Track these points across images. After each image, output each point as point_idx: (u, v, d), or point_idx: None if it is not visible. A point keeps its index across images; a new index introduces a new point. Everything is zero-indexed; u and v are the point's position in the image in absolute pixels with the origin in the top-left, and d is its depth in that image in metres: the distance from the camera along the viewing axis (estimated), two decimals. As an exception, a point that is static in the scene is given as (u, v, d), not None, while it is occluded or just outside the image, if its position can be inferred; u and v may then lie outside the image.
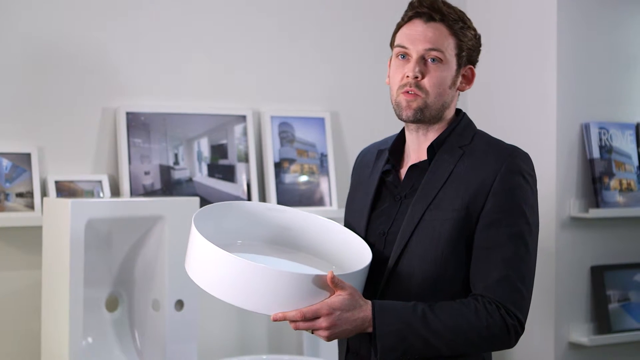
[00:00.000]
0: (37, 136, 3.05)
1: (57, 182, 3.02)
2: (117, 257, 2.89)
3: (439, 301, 1.87)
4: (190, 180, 3.25)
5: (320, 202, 3.46)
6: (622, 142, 3.60)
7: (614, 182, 3.55)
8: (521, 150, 1.94)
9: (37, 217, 2.94)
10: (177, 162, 3.23)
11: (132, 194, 3.11)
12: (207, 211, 2.00)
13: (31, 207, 2.97)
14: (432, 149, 1.96)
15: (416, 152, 2.00)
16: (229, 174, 3.32)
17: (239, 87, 3.40)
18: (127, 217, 2.81)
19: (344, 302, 1.80)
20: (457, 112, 2.02)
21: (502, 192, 1.88)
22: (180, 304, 2.86)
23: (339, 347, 2.05)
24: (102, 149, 3.15)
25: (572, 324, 3.50)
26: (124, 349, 2.90)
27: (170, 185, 3.21)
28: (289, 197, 3.38)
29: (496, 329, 1.85)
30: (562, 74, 3.48)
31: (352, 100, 3.61)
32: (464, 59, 1.96)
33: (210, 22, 3.35)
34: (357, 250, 1.97)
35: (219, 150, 3.31)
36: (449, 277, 1.89)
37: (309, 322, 1.79)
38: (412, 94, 1.93)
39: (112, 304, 2.93)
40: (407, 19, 1.97)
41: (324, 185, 3.48)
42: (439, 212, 1.90)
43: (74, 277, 2.67)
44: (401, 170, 2.02)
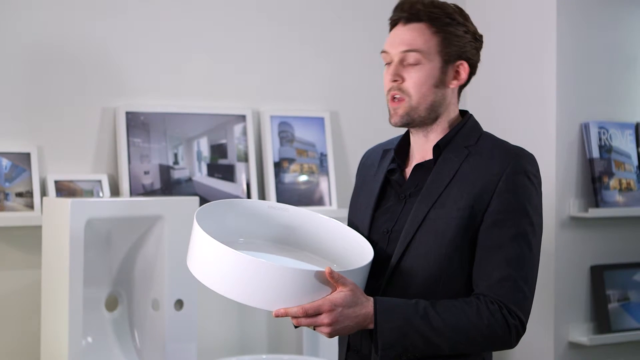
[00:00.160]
0: (37, 136, 3.05)
1: (56, 182, 3.02)
2: (117, 256, 2.89)
3: (440, 299, 1.87)
4: (189, 179, 3.25)
5: (320, 202, 3.46)
6: (621, 141, 3.60)
7: (613, 182, 3.55)
8: (527, 151, 1.94)
9: (36, 216, 2.94)
10: (176, 162, 3.23)
11: (132, 194, 3.11)
12: (209, 208, 1.99)
13: (31, 206, 2.97)
14: (437, 149, 1.96)
15: (421, 152, 2.00)
16: (228, 173, 3.32)
17: (239, 87, 3.40)
18: (126, 217, 2.81)
19: (345, 298, 1.80)
20: (464, 113, 2.02)
21: (507, 192, 1.88)
22: (179, 304, 2.86)
23: (340, 345, 2.05)
24: (102, 149, 3.15)
25: (572, 324, 3.49)
26: (123, 349, 2.90)
27: (169, 184, 3.21)
28: (289, 197, 3.38)
29: (497, 329, 1.85)
30: (562, 74, 3.48)
31: (351, 99, 3.61)
32: (452, 55, 1.94)
33: (209, 21, 3.35)
34: (359, 248, 1.97)
35: (218, 149, 3.31)
36: (452, 276, 1.89)
37: (310, 318, 1.79)
38: (396, 100, 1.94)
39: (111, 304, 2.93)
40: (391, 25, 1.99)
41: (323, 184, 3.48)
42: (444, 211, 1.90)
43: (73, 276, 2.67)
44: (406, 169, 2.02)
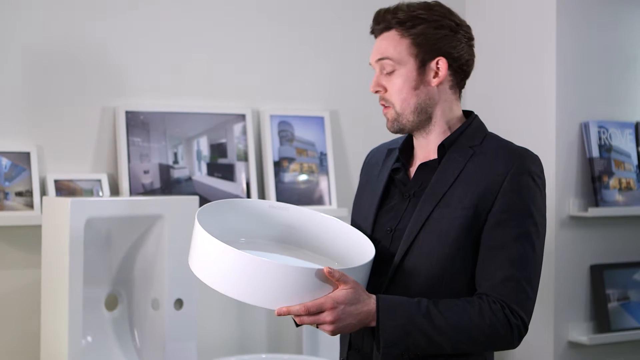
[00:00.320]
0: (37, 135, 3.05)
1: (56, 181, 3.02)
2: (117, 256, 2.89)
3: (443, 298, 1.87)
4: (189, 179, 3.25)
5: (319, 201, 3.46)
6: (621, 141, 3.60)
7: (613, 181, 3.55)
8: (531, 152, 1.95)
9: (36, 216, 2.94)
10: (176, 161, 3.23)
11: (132, 193, 3.11)
12: (210, 208, 1.99)
13: (30, 206, 2.97)
14: (442, 148, 1.97)
15: (424, 152, 2.01)
16: (228, 173, 3.32)
17: (239, 86, 3.40)
18: (126, 216, 2.81)
19: (348, 296, 1.80)
20: (469, 114, 2.02)
21: (511, 192, 1.88)
22: (179, 303, 2.86)
23: (341, 344, 2.05)
24: (102, 148, 3.15)
25: (572, 323, 3.50)
26: (123, 348, 2.90)
27: (169, 184, 3.21)
28: (289, 196, 3.38)
29: (500, 328, 1.85)
30: (562, 73, 3.48)
31: (351, 99, 3.61)
32: (427, 54, 1.94)
33: (209, 21, 3.35)
34: (361, 246, 1.98)
35: (218, 149, 3.31)
36: (455, 275, 1.90)
37: (313, 316, 1.79)
38: (385, 107, 1.98)
39: (111, 303, 2.93)
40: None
41: (323, 184, 3.48)
42: (448, 210, 1.90)
43: (73, 276, 2.67)
44: (410, 168, 2.03)
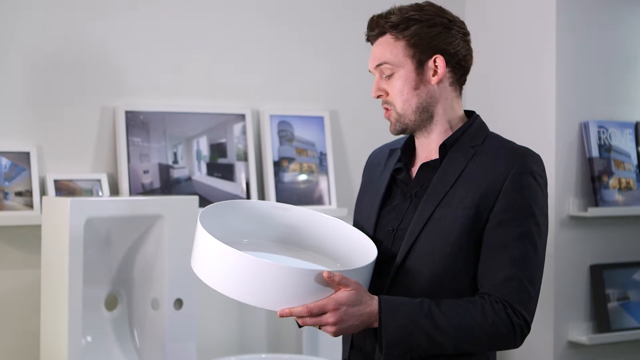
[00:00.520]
0: (36, 135, 3.05)
1: (56, 181, 3.02)
2: (116, 255, 2.88)
3: (445, 298, 1.87)
4: (189, 179, 3.25)
5: (319, 201, 3.46)
6: (621, 140, 3.60)
7: (613, 181, 3.55)
8: (533, 151, 1.95)
9: (36, 215, 2.94)
10: (176, 161, 3.23)
11: (131, 193, 3.11)
12: (213, 210, 1.99)
13: (30, 206, 2.97)
14: (444, 148, 1.97)
15: (425, 152, 2.01)
16: (228, 172, 3.32)
17: (238, 86, 3.40)
18: (126, 216, 2.81)
19: (350, 297, 1.80)
20: (471, 114, 2.02)
21: (513, 191, 1.88)
22: (179, 303, 2.86)
23: (343, 343, 2.06)
24: (101, 148, 3.15)
25: (572, 323, 3.50)
26: (123, 348, 2.90)
27: (169, 184, 3.21)
28: (288, 196, 3.38)
29: (502, 328, 1.85)
30: (561, 73, 3.48)
31: (351, 99, 3.61)
32: (424, 54, 1.94)
33: (209, 21, 3.34)
34: (363, 247, 1.98)
35: (218, 149, 3.31)
36: (457, 275, 1.90)
37: (315, 317, 1.79)
38: (387, 110, 1.99)
39: (111, 303, 2.93)
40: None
41: (323, 184, 3.48)
42: (449, 210, 1.90)
43: (73, 276, 2.67)
44: (412, 168, 2.03)
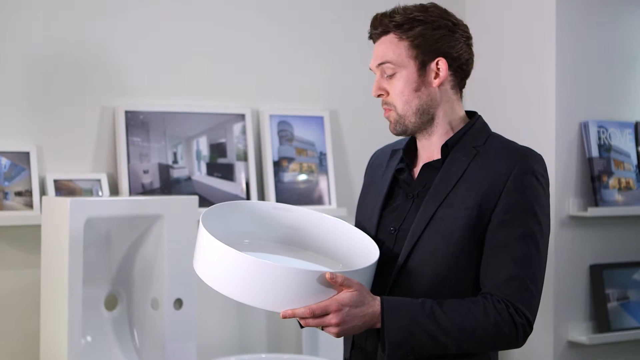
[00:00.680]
0: (36, 135, 3.04)
1: (56, 181, 3.02)
2: (116, 255, 2.88)
3: (447, 298, 1.87)
4: (189, 179, 3.25)
5: (319, 201, 3.46)
6: (621, 140, 3.60)
7: (613, 181, 3.55)
8: (535, 151, 1.96)
9: (36, 215, 2.94)
10: (176, 161, 3.23)
11: (131, 193, 3.11)
12: (214, 211, 2.00)
13: (30, 205, 2.97)
14: (446, 148, 1.97)
15: (427, 152, 2.01)
16: (227, 172, 3.32)
17: (238, 86, 3.40)
18: (126, 216, 2.81)
19: (352, 298, 1.80)
20: (472, 114, 2.03)
21: (515, 191, 1.89)
22: (179, 303, 2.86)
23: (345, 343, 2.06)
24: (101, 148, 3.15)
25: (571, 323, 3.50)
26: (123, 348, 2.90)
27: (169, 184, 3.21)
28: (288, 196, 3.38)
29: (504, 328, 1.85)
30: (561, 73, 3.48)
31: (351, 99, 3.61)
32: (427, 56, 1.95)
33: (209, 21, 3.34)
34: (364, 247, 1.98)
35: (217, 149, 3.31)
36: (459, 275, 1.90)
37: (318, 318, 1.80)
38: (387, 110, 1.98)
39: (111, 303, 2.93)
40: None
41: (322, 184, 3.48)
42: (451, 210, 1.91)
43: (72, 275, 2.67)
44: (414, 169, 2.03)
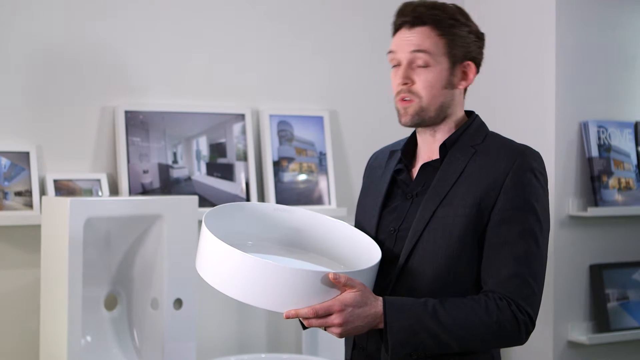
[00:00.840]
0: (36, 135, 3.04)
1: (55, 181, 3.02)
2: (116, 255, 2.88)
3: (449, 297, 1.88)
4: (188, 179, 3.25)
5: (319, 201, 3.46)
6: (620, 140, 3.60)
7: (612, 181, 3.55)
8: (533, 149, 1.96)
9: (35, 215, 2.94)
10: (175, 161, 3.23)
11: (131, 193, 3.11)
12: (217, 212, 2.00)
13: (30, 205, 2.97)
14: (444, 148, 1.98)
15: (427, 152, 2.02)
16: (227, 172, 3.32)
17: (238, 86, 3.40)
18: (125, 216, 2.81)
19: (355, 298, 1.81)
20: (470, 114, 2.03)
21: (514, 189, 1.89)
22: (179, 303, 2.86)
23: (345, 343, 2.06)
24: (101, 148, 3.15)
25: (571, 323, 3.49)
26: (122, 348, 2.90)
27: (168, 184, 3.21)
28: (288, 196, 3.38)
29: (507, 325, 1.86)
30: (561, 73, 3.47)
31: (350, 99, 3.61)
32: (458, 57, 1.96)
33: (209, 21, 3.34)
34: (367, 249, 1.98)
35: (217, 149, 3.31)
36: (460, 274, 1.91)
37: (321, 318, 1.80)
38: (407, 101, 1.96)
39: (110, 303, 2.93)
40: (396, 28, 2.00)
41: (322, 184, 3.48)
42: (451, 209, 1.91)
43: (72, 275, 2.67)
44: (413, 169, 2.04)
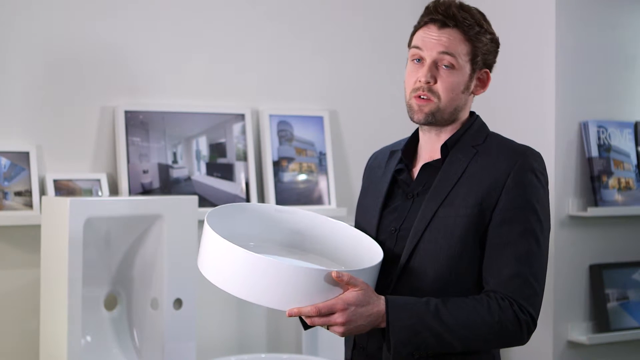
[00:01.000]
0: (36, 135, 3.04)
1: (55, 181, 3.02)
2: (116, 255, 2.88)
3: (451, 297, 1.88)
4: (188, 179, 3.25)
5: (318, 201, 3.46)
6: (620, 140, 3.60)
7: (612, 181, 3.55)
8: (534, 150, 1.97)
9: (35, 215, 2.94)
10: (175, 161, 3.23)
11: (131, 193, 3.11)
12: (219, 211, 2.00)
13: (30, 205, 2.97)
14: (445, 148, 1.98)
15: (429, 151, 2.02)
16: (227, 172, 3.32)
17: (238, 86, 3.40)
18: (125, 216, 2.81)
19: (358, 298, 1.81)
20: (471, 114, 2.04)
21: (515, 189, 1.90)
22: (178, 303, 2.86)
23: (346, 343, 2.06)
24: (101, 148, 3.15)
25: (571, 323, 3.49)
26: (122, 348, 2.90)
27: (168, 184, 3.21)
28: (288, 196, 3.38)
29: (509, 325, 1.86)
30: (561, 73, 3.47)
31: (350, 98, 3.61)
32: (478, 64, 1.98)
33: (209, 21, 3.34)
34: (368, 249, 1.98)
35: (217, 148, 3.31)
36: (462, 274, 1.91)
37: (324, 317, 1.80)
38: (424, 99, 1.95)
39: (110, 303, 2.93)
40: (422, 24, 1.99)
41: (322, 184, 3.48)
42: (453, 209, 1.91)
43: (72, 275, 2.67)
44: (413, 169, 2.04)
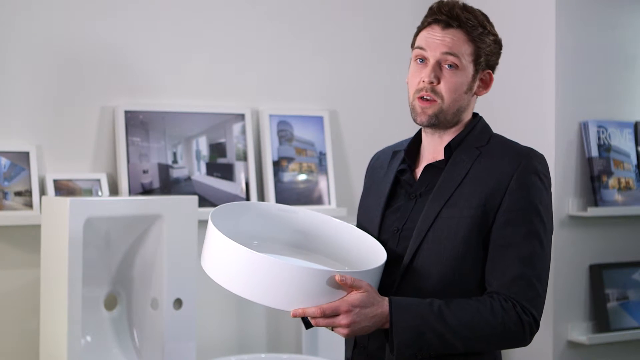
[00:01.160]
0: (36, 135, 3.04)
1: (55, 181, 3.02)
2: (116, 255, 2.88)
3: (454, 298, 1.88)
4: (188, 179, 3.25)
5: (318, 201, 3.46)
6: (620, 140, 3.60)
7: (612, 181, 3.55)
8: (537, 152, 1.98)
9: (35, 215, 2.94)
10: (175, 161, 3.23)
11: (131, 193, 3.11)
12: (223, 210, 2.00)
13: (29, 205, 2.97)
14: (449, 149, 1.99)
15: (432, 152, 2.03)
16: (227, 172, 3.32)
17: (238, 86, 3.40)
18: (125, 216, 2.81)
19: (362, 299, 1.81)
20: (474, 115, 2.04)
21: (518, 191, 1.91)
22: (178, 303, 2.86)
23: (346, 343, 2.07)
24: (101, 148, 3.15)
25: (571, 323, 3.49)
26: (122, 348, 2.90)
27: (168, 184, 3.21)
28: (288, 196, 3.38)
29: (512, 326, 1.87)
30: (561, 73, 3.47)
31: (350, 98, 3.61)
32: (482, 65, 1.98)
33: (209, 21, 3.34)
34: (371, 249, 1.98)
35: (217, 148, 3.31)
36: (465, 275, 1.91)
37: (328, 318, 1.81)
38: (427, 100, 1.96)
39: (110, 303, 2.93)
40: (426, 24, 2.00)
41: (322, 184, 3.48)
42: (456, 210, 1.92)
43: (72, 275, 2.67)
44: (416, 170, 2.05)
